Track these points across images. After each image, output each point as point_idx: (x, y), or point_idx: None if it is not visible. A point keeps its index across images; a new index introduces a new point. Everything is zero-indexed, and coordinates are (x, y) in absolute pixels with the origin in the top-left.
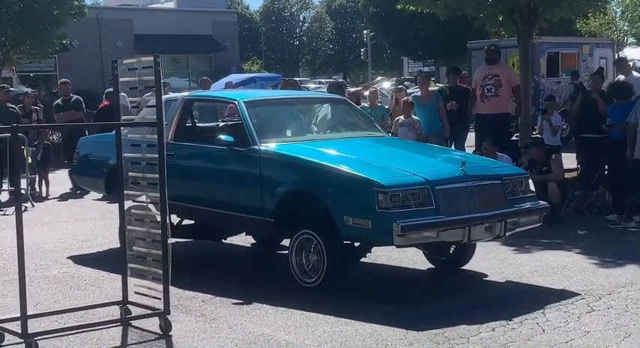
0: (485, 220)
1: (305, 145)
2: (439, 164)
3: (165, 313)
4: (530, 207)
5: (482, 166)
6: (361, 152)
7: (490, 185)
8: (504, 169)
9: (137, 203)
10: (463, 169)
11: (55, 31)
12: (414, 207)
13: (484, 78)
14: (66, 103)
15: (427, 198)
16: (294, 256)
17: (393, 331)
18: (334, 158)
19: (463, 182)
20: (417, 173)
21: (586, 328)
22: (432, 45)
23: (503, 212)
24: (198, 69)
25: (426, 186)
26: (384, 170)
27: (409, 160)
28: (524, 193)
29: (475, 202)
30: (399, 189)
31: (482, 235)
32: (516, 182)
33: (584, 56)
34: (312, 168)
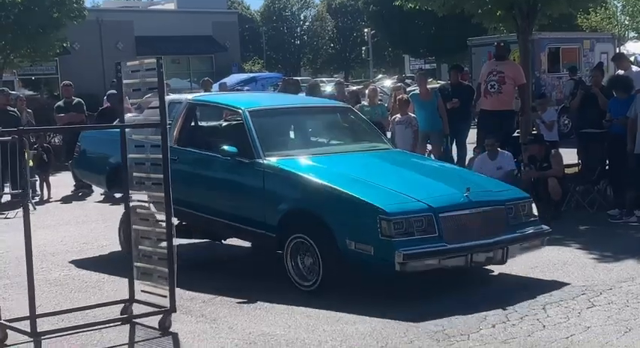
0: (487, 247)
1: (309, 161)
2: (443, 189)
3: (172, 311)
4: (532, 232)
5: (487, 190)
6: (365, 170)
7: (493, 211)
8: (508, 193)
9: (141, 203)
10: (467, 195)
11: (55, 34)
12: (417, 234)
13: (489, 74)
14: (67, 105)
15: (430, 225)
16: (289, 260)
17: (394, 328)
18: (338, 178)
19: (467, 209)
20: (420, 199)
21: (586, 323)
22: (433, 42)
23: (505, 239)
24: (200, 70)
25: (430, 213)
26: (387, 195)
27: (413, 181)
28: (527, 217)
29: (478, 228)
30: (402, 217)
31: (484, 261)
32: (519, 207)
33: (585, 51)
34: (316, 188)
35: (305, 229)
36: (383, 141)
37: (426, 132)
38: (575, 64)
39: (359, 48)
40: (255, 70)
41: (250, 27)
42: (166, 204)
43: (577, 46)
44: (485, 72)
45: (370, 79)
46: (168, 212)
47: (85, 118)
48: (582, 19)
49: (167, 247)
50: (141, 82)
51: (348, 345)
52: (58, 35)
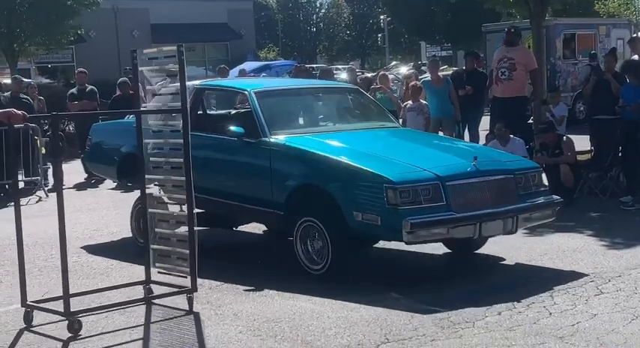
0: (496, 216)
1: (315, 138)
2: (450, 159)
3: (193, 290)
4: (543, 202)
5: (495, 160)
6: (371, 145)
7: (502, 180)
8: (517, 163)
9: (159, 186)
10: (475, 164)
11: (69, 22)
12: (424, 203)
13: (500, 60)
14: (81, 93)
15: (437, 194)
16: (299, 244)
17: (398, 316)
18: (344, 152)
19: (475, 178)
20: (427, 168)
21: (593, 310)
22: (449, 29)
23: (515, 208)
24: (215, 57)
25: (437, 182)
26: (393, 165)
27: (420, 153)
28: (538, 188)
29: (486, 197)
30: (408, 185)
31: (494, 231)
32: (529, 176)
33: (601, 37)
34: (321, 162)
35: (312, 206)
36: (391, 120)
37: (437, 118)
38: (594, 51)
39: (375, 35)
40: (271, 57)
41: (266, 14)
42: (187, 187)
43: (593, 32)
44: (496, 59)
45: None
46: (189, 195)
47: (97, 106)
48: (600, 5)
49: (188, 227)
50: (160, 69)
51: (352, 332)
52: (72, 23)
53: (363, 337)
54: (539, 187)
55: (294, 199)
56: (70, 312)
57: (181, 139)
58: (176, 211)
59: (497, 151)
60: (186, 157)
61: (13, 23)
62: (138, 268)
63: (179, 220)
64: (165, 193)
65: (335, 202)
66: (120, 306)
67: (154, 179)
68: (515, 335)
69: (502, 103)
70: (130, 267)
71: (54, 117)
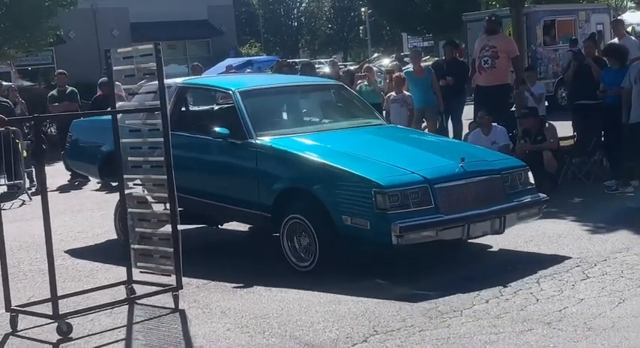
0: (484, 217)
1: (302, 139)
2: (438, 160)
3: (178, 288)
4: (529, 201)
5: (482, 160)
6: (359, 146)
7: (489, 180)
8: (504, 162)
9: (139, 186)
10: (462, 166)
11: (47, 23)
12: (413, 206)
13: (481, 49)
14: (61, 94)
15: (426, 197)
16: (285, 241)
17: (386, 307)
18: (332, 154)
19: (462, 179)
20: (415, 171)
21: (580, 295)
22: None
23: (502, 208)
24: (196, 55)
25: (425, 185)
26: (382, 168)
27: (407, 154)
28: (524, 186)
29: (474, 198)
30: (397, 189)
31: (482, 231)
32: (515, 175)
33: (581, 23)
34: (309, 165)
35: (300, 208)
36: (376, 117)
37: (420, 109)
38: (575, 37)
39: (357, 28)
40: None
41: (247, 10)
42: (169, 185)
43: (572, 18)
44: (478, 47)
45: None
46: (171, 193)
47: (78, 107)
48: None
49: (172, 225)
50: (136, 68)
51: (341, 325)
52: (51, 24)
53: (351, 330)
54: (526, 185)
55: (282, 201)
56: (59, 315)
57: (161, 138)
58: (158, 209)
59: (484, 149)
60: (167, 155)
61: None
62: (123, 269)
63: (161, 218)
64: (147, 192)
65: (323, 205)
66: (107, 307)
67: (133, 179)
68: (503, 323)
69: (486, 91)
70: (116, 268)
71: (35, 119)
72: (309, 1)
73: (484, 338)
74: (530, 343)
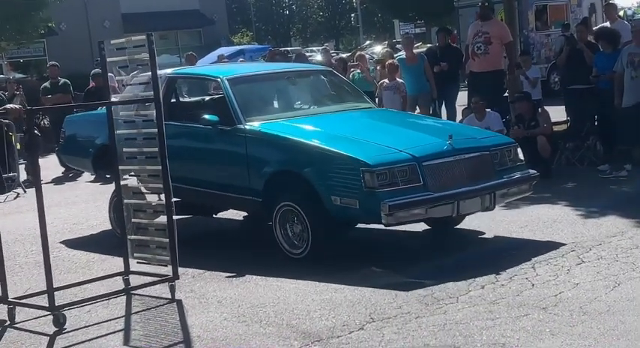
0: (474, 193)
1: (291, 123)
2: (426, 138)
3: (175, 278)
4: (519, 177)
5: (470, 137)
6: (346, 128)
7: (478, 157)
8: (492, 139)
9: (134, 176)
10: (450, 143)
11: (39, 15)
12: (402, 184)
13: (475, 35)
14: (54, 86)
15: (414, 175)
16: (278, 229)
17: (382, 295)
18: (320, 136)
19: (450, 156)
20: (403, 149)
21: (575, 280)
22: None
23: (492, 184)
24: (189, 44)
25: (413, 163)
26: (369, 148)
27: (395, 134)
28: (514, 163)
29: (463, 175)
30: (385, 167)
31: (472, 208)
32: (505, 152)
33: (573, 7)
34: (297, 147)
35: (290, 192)
36: (365, 101)
37: (413, 95)
38: (567, 22)
39: (348, 15)
40: (245, 42)
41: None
42: (164, 175)
43: (564, 3)
44: (471, 34)
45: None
46: (166, 183)
47: (71, 98)
48: None
49: (167, 215)
50: (129, 59)
51: (337, 313)
52: (42, 16)
53: (348, 317)
54: (515, 162)
55: (272, 185)
56: (55, 306)
57: (155, 129)
58: (153, 200)
59: (472, 127)
60: (161, 145)
61: None
62: (119, 260)
63: (157, 209)
64: (142, 183)
65: (313, 187)
66: (103, 298)
67: (128, 170)
68: (499, 308)
69: (480, 77)
70: (112, 259)
71: (29, 112)
72: None
73: (480, 324)
74: (526, 328)
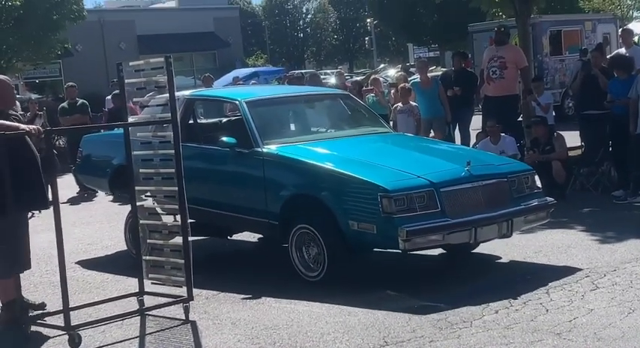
0: (491, 220)
1: (308, 146)
2: (443, 164)
3: (189, 299)
4: (537, 204)
5: (488, 164)
6: (364, 152)
7: (496, 184)
8: (510, 166)
9: (150, 197)
10: (468, 169)
11: (55, 36)
12: (419, 210)
13: (490, 60)
14: (72, 107)
15: (432, 201)
16: (294, 252)
17: (396, 318)
18: (337, 160)
19: (468, 183)
20: (421, 175)
21: (590, 305)
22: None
23: (509, 212)
24: (203, 66)
25: (431, 188)
26: (387, 173)
27: (413, 159)
28: (531, 190)
29: (481, 202)
30: (403, 193)
31: (489, 235)
32: (522, 179)
33: (587, 33)
34: (315, 171)
35: (307, 216)
36: (382, 125)
37: (428, 119)
38: (585, 47)
39: (362, 38)
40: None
41: (253, 21)
42: (180, 197)
43: (579, 28)
44: (486, 58)
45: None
46: (182, 204)
47: (89, 119)
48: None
49: (182, 236)
50: (147, 81)
51: (351, 336)
52: (59, 37)
53: (361, 341)
54: (533, 189)
55: (289, 209)
56: (70, 326)
57: (172, 150)
58: (169, 221)
59: (489, 154)
60: (177, 166)
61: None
62: (133, 281)
63: (172, 230)
64: (158, 204)
65: (330, 211)
66: (118, 318)
67: (145, 191)
68: (513, 333)
69: (494, 102)
70: (126, 280)
71: (47, 132)
72: (315, 12)
73: None
74: None
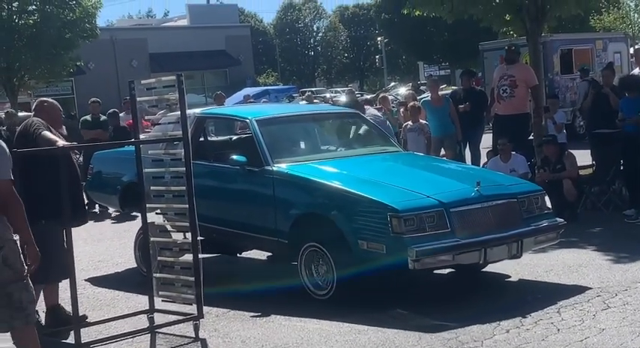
0: (501, 241)
1: (318, 165)
2: (453, 184)
3: (199, 317)
4: (547, 225)
5: (498, 184)
6: (374, 172)
7: (506, 204)
8: (520, 186)
9: (161, 214)
10: (478, 190)
11: (68, 55)
12: (429, 230)
13: (500, 78)
14: (95, 122)
15: (442, 221)
16: (303, 269)
17: (406, 337)
18: (347, 179)
19: (478, 203)
20: (430, 195)
21: (601, 325)
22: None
23: (519, 232)
24: (214, 84)
25: (441, 208)
26: (397, 192)
27: (422, 179)
28: (541, 210)
29: (491, 222)
30: (413, 213)
31: (499, 256)
32: (532, 199)
33: (598, 52)
34: (325, 190)
35: (316, 235)
36: (392, 144)
37: (438, 137)
38: (587, 66)
39: (373, 57)
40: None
41: (263, 40)
42: (190, 214)
43: (589, 47)
44: (496, 77)
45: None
46: (192, 221)
47: (108, 136)
48: (595, 20)
49: (193, 254)
50: (159, 98)
51: None
52: (71, 55)
53: None
54: (543, 209)
55: (298, 227)
56: (81, 343)
57: (183, 168)
58: (179, 239)
59: (500, 174)
60: (188, 184)
61: (12, 58)
62: (143, 298)
63: (182, 247)
64: (168, 221)
65: (339, 230)
66: (128, 335)
67: (155, 208)
68: None
69: (505, 120)
70: (136, 297)
71: (61, 149)
72: (325, 30)
73: None
74: None
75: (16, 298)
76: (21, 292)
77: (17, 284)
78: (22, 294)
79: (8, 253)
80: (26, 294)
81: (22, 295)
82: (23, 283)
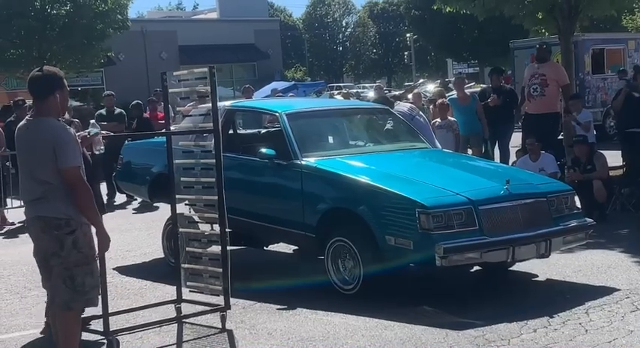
0: (529, 240)
1: (347, 160)
2: (483, 182)
3: (226, 308)
4: (576, 225)
5: (527, 182)
6: (403, 168)
7: (535, 203)
8: (549, 185)
9: (190, 205)
10: (507, 188)
11: (99, 45)
12: (457, 227)
13: (531, 77)
14: (110, 115)
15: (470, 218)
16: (330, 264)
17: (433, 334)
18: (376, 175)
19: (507, 201)
20: (459, 192)
21: (630, 327)
22: (476, 45)
23: (548, 231)
24: (242, 78)
25: (469, 206)
26: (426, 189)
27: (452, 176)
28: (570, 210)
29: (519, 221)
30: (441, 210)
31: (527, 255)
32: (562, 199)
33: (630, 52)
34: (353, 185)
35: (344, 229)
36: (421, 140)
37: (465, 135)
38: (624, 67)
39: (401, 53)
40: (298, 77)
41: (292, 34)
42: (219, 206)
43: (622, 47)
44: (527, 75)
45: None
46: (221, 213)
47: (125, 128)
48: (627, 20)
49: (221, 246)
50: (190, 90)
51: None
52: (102, 46)
53: None
54: (572, 209)
55: (326, 222)
56: (109, 331)
57: (213, 159)
58: (207, 230)
59: (529, 172)
60: (218, 176)
61: (44, 48)
62: (171, 288)
63: (211, 239)
64: (197, 212)
65: (367, 225)
66: (156, 325)
67: (184, 199)
68: None
69: (535, 119)
70: (163, 287)
71: None
72: (354, 26)
73: None
74: None
75: (79, 281)
76: (85, 276)
77: (83, 268)
78: (86, 278)
79: (79, 236)
80: (90, 279)
81: (86, 280)
82: (89, 267)
